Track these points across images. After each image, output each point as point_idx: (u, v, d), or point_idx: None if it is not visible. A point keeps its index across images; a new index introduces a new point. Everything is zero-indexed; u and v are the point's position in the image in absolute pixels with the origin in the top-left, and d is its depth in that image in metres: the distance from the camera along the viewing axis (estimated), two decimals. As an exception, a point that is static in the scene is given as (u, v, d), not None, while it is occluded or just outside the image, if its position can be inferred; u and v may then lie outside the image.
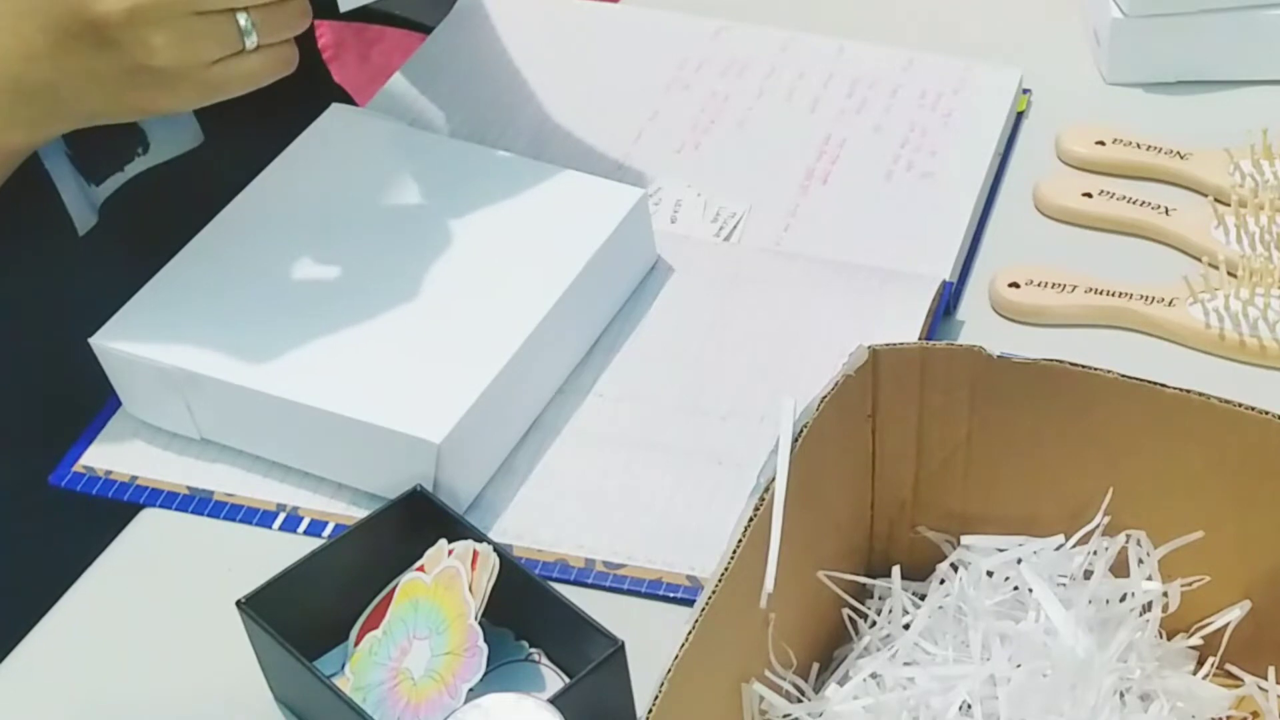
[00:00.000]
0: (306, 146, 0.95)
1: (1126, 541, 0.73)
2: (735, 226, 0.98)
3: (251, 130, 0.95)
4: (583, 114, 1.06)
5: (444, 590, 0.74)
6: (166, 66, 0.76)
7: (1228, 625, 0.73)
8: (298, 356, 0.84)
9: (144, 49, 0.75)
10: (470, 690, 0.72)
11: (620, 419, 0.88)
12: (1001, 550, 0.75)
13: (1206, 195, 0.98)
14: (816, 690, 0.74)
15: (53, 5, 0.75)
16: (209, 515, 0.85)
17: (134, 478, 0.86)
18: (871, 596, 0.78)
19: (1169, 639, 0.75)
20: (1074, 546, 0.74)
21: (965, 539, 0.76)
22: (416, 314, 0.86)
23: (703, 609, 0.65)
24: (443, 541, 0.76)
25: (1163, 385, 0.70)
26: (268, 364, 0.84)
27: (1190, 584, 0.73)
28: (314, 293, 0.87)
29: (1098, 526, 0.73)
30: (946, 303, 0.92)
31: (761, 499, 0.68)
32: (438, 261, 0.88)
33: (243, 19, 0.77)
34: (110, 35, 0.75)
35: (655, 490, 0.85)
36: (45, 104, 0.79)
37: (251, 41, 0.77)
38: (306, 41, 1.12)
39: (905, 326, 0.89)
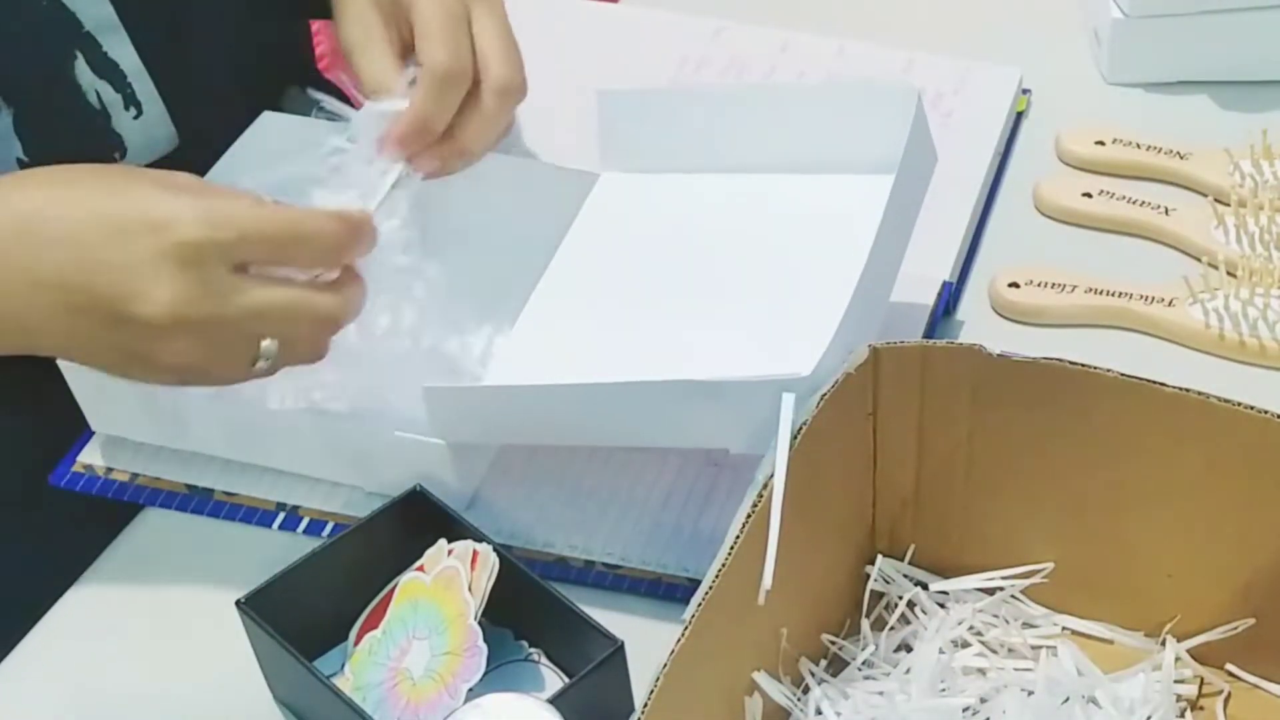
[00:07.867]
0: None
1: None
2: (735, 226, 0.98)
3: (233, 133, 0.94)
4: (583, 114, 1.05)
5: (444, 590, 0.74)
6: (174, 364, 0.73)
7: (1228, 626, 0.74)
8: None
9: (164, 348, 0.72)
10: (470, 690, 0.72)
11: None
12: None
13: (1206, 195, 0.98)
14: (815, 689, 0.74)
15: (92, 299, 0.71)
16: (209, 515, 0.85)
17: (134, 476, 0.86)
18: (871, 596, 0.78)
19: (1168, 639, 0.75)
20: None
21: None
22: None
23: (699, 605, 0.65)
24: (442, 541, 0.76)
25: (1163, 385, 0.70)
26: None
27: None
28: None
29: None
30: (946, 303, 0.92)
31: (760, 496, 0.68)
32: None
33: (266, 343, 0.74)
34: (136, 331, 0.72)
35: (655, 490, 0.84)
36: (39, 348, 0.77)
37: (263, 366, 0.74)
38: (302, 44, 1.12)
39: (905, 326, 0.89)
